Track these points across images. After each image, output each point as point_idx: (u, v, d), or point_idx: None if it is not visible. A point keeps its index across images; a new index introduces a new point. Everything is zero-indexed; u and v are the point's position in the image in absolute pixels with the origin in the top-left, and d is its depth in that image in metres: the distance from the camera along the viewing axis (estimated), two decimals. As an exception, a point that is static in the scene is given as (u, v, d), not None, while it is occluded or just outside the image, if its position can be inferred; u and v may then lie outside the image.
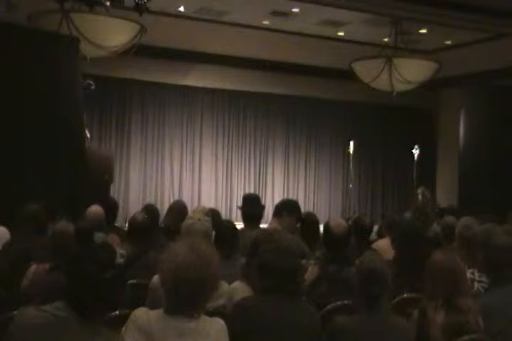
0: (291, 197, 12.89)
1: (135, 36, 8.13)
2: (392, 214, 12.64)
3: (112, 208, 6.12)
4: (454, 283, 3.07)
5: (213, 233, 4.39)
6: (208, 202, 11.70)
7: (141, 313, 2.56)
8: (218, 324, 2.60)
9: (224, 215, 11.46)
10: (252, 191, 12.32)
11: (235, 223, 4.81)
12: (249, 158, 12.77)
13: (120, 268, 2.41)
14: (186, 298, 2.51)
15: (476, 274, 3.94)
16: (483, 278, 3.94)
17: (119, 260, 2.43)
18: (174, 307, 2.52)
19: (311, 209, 12.40)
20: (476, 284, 3.86)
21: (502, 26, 9.39)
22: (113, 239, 5.23)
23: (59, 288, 2.50)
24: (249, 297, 3.12)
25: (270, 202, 11.45)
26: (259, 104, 12.80)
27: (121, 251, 3.95)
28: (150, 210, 5.77)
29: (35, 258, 4.12)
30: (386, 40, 9.97)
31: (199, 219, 4.28)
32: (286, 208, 5.45)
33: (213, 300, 3.08)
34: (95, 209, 5.44)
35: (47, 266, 3.90)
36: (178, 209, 5.85)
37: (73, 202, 6.35)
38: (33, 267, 3.98)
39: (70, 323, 2.32)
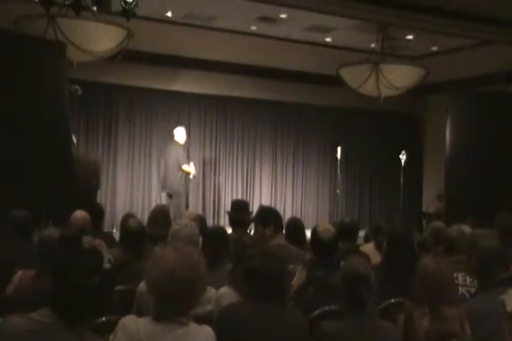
0: (278, 202, 12.92)
1: (122, 41, 8.10)
2: (378, 219, 12.74)
3: (98, 213, 6.10)
4: (441, 290, 3.06)
5: (200, 239, 4.38)
6: (196, 207, 11.68)
7: (129, 321, 2.55)
8: (206, 331, 2.60)
9: (211, 221, 11.47)
10: (239, 196, 12.30)
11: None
12: (237, 164, 12.75)
13: (108, 274, 2.40)
14: (177, 302, 2.51)
15: (460, 278, 3.96)
16: (467, 282, 3.97)
17: (106, 265, 2.41)
18: (163, 313, 2.52)
19: (298, 215, 12.42)
20: (460, 288, 3.88)
21: (488, 33, 9.45)
22: (99, 243, 5.21)
23: (45, 295, 2.48)
24: (235, 303, 3.11)
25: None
26: (247, 110, 12.79)
27: (108, 257, 3.92)
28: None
29: (21, 265, 4.08)
30: (373, 46, 10.01)
31: (186, 225, 4.26)
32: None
33: (200, 305, 3.07)
34: (80, 214, 5.41)
35: (33, 272, 3.87)
36: (161, 215, 5.82)
37: (60, 207, 6.32)
38: (19, 274, 3.95)
39: (57, 330, 2.30)
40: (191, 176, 10.53)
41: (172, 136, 10.57)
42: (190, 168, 10.34)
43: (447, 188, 10.18)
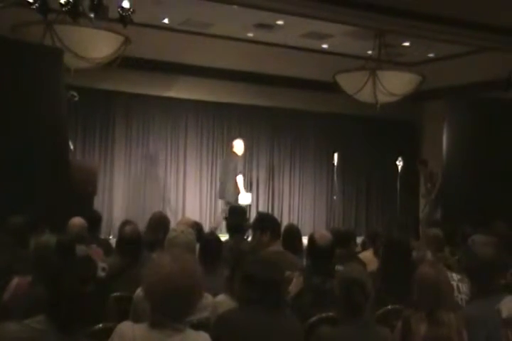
0: (275, 208, 12.91)
1: (119, 48, 8.11)
2: (375, 225, 12.76)
3: (95, 220, 6.10)
4: (438, 295, 3.07)
5: (197, 245, 4.38)
6: (193, 214, 11.67)
7: (126, 327, 2.54)
8: (203, 337, 2.60)
9: (209, 227, 11.44)
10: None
11: (220, 235, 4.81)
12: (234, 170, 12.74)
13: (102, 281, 2.40)
14: (174, 308, 2.51)
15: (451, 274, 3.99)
16: (454, 277, 4.01)
17: (101, 273, 2.42)
18: (160, 320, 2.52)
19: (295, 221, 12.40)
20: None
21: (484, 40, 9.48)
22: (96, 251, 5.20)
23: (41, 302, 2.48)
24: (233, 309, 3.11)
25: (255, 213, 11.40)
26: (244, 116, 12.80)
27: (102, 265, 3.90)
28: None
29: (18, 272, 4.07)
30: (370, 52, 10.03)
31: (182, 231, 4.26)
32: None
33: (197, 312, 3.06)
34: (77, 221, 5.40)
35: (29, 279, 3.86)
36: (158, 221, 5.82)
37: (56, 214, 6.30)
38: (15, 280, 3.94)
39: (52, 337, 2.29)
40: (242, 202, 10.50)
41: (231, 147, 10.91)
42: (243, 195, 10.52)
43: (444, 195, 10.20)
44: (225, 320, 2.97)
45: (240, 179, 10.50)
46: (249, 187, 12.76)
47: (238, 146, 10.77)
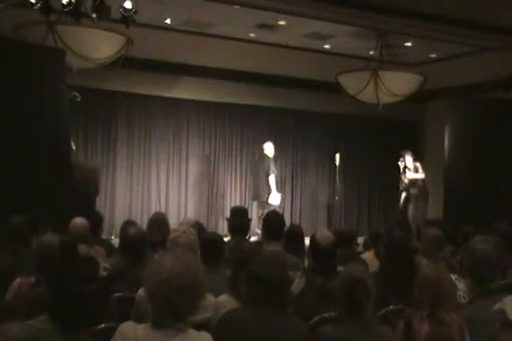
0: (277, 209, 12.88)
1: (121, 48, 8.11)
2: (376, 226, 12.74)
3: (97, 220, 6.10)
4: (440, 295, 3.07)
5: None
6: (195, 214, 11.68)
7: (128, 327, 2.55)
8: (205, 337, 2.60)
9: (210, 227, 11.46)
10: (238, 203, 12.29)
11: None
12: (236, 170, 12.75)
13: (104, 281, 2.41)
14: (176, 308, 2.52)
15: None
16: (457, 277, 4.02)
17: (102, 273, 2.42)
18: (162, 320, 2.52)
19: (297, 221, 12.41)
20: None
21: (486, 40, 9.48)
22: (98, 251, 5.21)
23: (43, 302, 2.48)
24: (236, 309, 3.11)
25: (256, 214, 11.41)
26: (245, 116, 12.80)
27: (104, 264, 3.91)
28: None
29: (20, 272, 4.08)
30: (372, 53, 10.03)
31: (184, 232, 4.26)
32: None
33: (199, 312, 3.07)
34: (79, 221, 5.40)
35: (31, 279, 3.87)
36: (158, 222, 5.82)
37: (59, 214, 6.31)
38: (17, 281, 3.94)
39: (54, 336, 2.30)
40: (273, 204, 11.02)
41: (262, 149, 11.38)
42: (273, 195, 10.99)
43: (446, 195, 10.19)
44: (228, 320, 2.98)
45: (271, 178, 10.86)
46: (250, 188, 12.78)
47: (268, 148, 11.30)
